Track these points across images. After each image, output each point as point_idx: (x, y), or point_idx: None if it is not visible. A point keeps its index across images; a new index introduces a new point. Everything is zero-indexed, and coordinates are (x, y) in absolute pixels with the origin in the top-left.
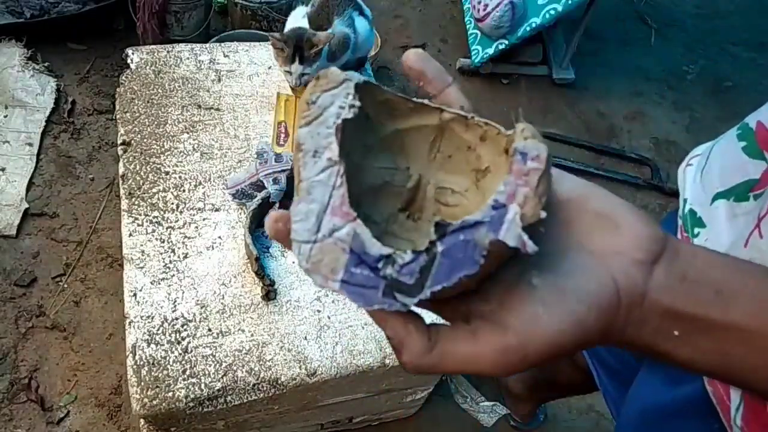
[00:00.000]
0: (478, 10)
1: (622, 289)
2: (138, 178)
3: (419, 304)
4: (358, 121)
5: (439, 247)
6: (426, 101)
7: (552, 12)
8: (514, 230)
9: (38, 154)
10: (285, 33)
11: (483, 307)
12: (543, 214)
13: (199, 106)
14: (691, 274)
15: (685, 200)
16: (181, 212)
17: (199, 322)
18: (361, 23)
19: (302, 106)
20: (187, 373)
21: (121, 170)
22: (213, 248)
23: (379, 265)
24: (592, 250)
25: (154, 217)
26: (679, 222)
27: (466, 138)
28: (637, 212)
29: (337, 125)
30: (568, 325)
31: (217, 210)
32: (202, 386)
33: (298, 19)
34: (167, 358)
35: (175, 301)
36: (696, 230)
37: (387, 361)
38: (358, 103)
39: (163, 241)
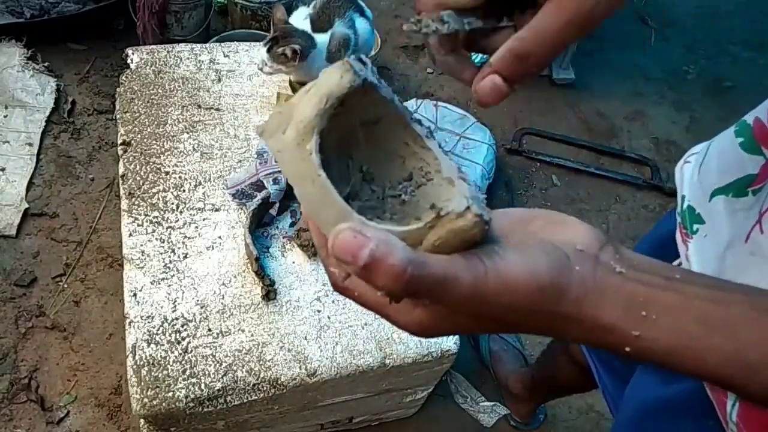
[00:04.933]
0: None
1: (572, 258)
2: (138, 178)
3: None
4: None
5: None
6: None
7: None
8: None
9: (38, 154)
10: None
11: None
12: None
13: (199, 106)
14: (639, 264)
15: (683, 197)
16: (181, 212)
17: (199, 322)
18: (361, 24)
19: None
20: (187, 373)
21: (121, 170)
22: (213, 248)
23: None
24: (544, 238)
25: (154, 217)
26: (678, 219)
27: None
28: (581, 221)
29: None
30: (521, 264)
31: (217, 210)
32: (202, 386)
33: (299, 20)
34: (167, 358)
35: (175, 301)
36: (695, 226)
37: (387, 361)
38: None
39: (163, 241)
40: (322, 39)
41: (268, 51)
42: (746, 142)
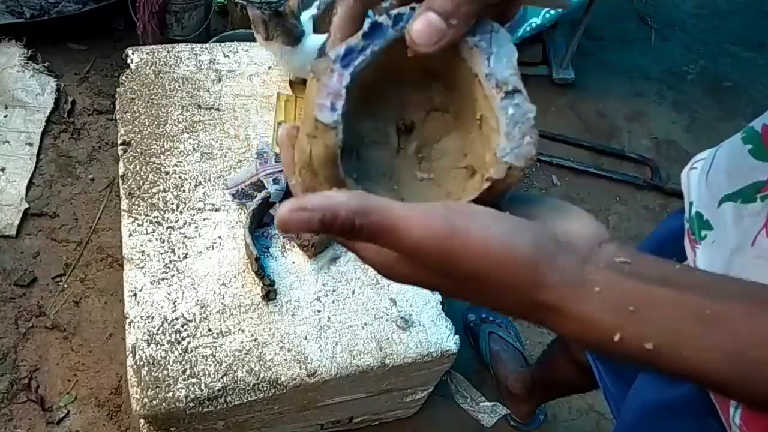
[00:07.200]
0: None
1: (562, 248)
2: (138, 178)
3: None
4: None
5: None
6: None
7: (552, 12)
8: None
9: (38, 154)
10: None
11: None
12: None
13: (199, 106)
14: (638, 261)
15: (690, 203)
16: (181, 212)
17: (199, 322)
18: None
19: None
20: (187, 373)
21: (121, 170)
22: (213, 248)
23: None
24: (543, 221)
25: (154, 217)
26: (686, 225)
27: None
28: (591, 217)
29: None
30: (501, 233)
31: (217, 210)
32: (202, 386)
33: (303, 22)
34: (167, 358)
35: (175, 301)
36: (703, 233)
37: (387, 361)
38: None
39: (163, 241)
40: (320, 40)
41: (274, 14)
42: (755, 149)
